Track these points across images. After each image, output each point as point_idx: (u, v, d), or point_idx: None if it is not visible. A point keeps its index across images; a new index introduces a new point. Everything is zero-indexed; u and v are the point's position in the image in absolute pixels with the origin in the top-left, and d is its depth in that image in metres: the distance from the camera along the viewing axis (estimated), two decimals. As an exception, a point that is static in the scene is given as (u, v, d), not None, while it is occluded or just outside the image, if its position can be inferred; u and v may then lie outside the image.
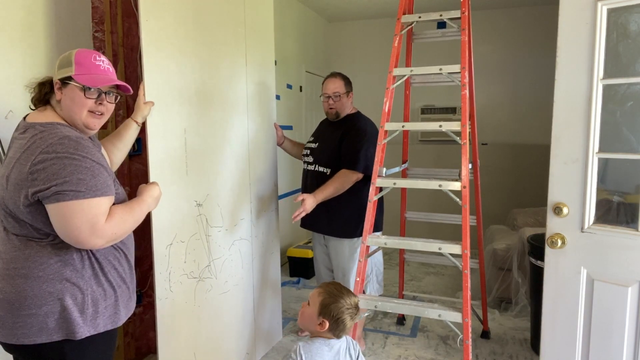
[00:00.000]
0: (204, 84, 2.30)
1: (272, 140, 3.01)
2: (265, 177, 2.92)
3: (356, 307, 1.69)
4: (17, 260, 1.33)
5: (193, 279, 2.24)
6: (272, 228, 3.02)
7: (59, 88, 1.42)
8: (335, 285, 1.73)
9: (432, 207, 4.02)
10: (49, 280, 1.32)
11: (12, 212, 1.33)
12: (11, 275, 1.32)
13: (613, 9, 1.65)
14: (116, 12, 2.50)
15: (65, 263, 1.34)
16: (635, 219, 1.66)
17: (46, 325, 1.32)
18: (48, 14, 1.99)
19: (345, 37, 6.10)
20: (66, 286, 1.34)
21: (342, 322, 1.64)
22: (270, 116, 3.00)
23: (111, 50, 2.48)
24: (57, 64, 1.45)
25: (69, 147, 1.30)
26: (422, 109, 5.67)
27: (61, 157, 1.28)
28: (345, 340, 1.73)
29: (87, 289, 1.37)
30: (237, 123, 2.61)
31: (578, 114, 1.72)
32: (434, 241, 2.31)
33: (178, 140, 2.13)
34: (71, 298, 1.34)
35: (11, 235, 1.36)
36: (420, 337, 3.24)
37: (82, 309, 1.36)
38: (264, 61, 2.91)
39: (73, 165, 1.29)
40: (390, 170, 2.53)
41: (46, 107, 1.45)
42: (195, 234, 2.25)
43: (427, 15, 2.62)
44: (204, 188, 2.32)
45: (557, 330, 1.83)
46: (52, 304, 1.32)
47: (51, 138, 1.31)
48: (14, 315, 1.32)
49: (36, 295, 1.31)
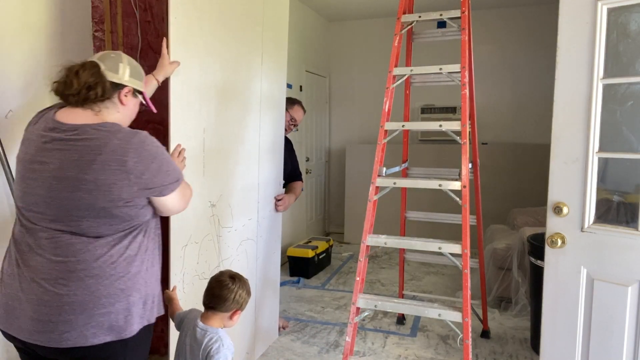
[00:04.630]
0: (224, 83, 2.29)
1: (279, 141, 3.01)
2: (272, 177, 2.92)
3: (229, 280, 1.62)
4: (87, 262, 1.33)
5: (204, 279, 2.22)
6: (275, 228, 3.03)
7: (126, 95, 1.46)
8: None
9: (432, 207, 4.02)
10: (119, 278, 1.36)
11: (101, 211, 1.31)
12: (80, 277, 1.32)
13: (613, 8, 1.65)
14: (116, 11, 2.50)
15: (130, 260, 1.39)
16: (635, 218, 1.65)
17: (117, 323, 1.35)
18: (48, 13, 1.99)
19: (345, 37, 6.09)
20: (133, 282, 1.39)
21: (210, 293, 1.62)
22: (280, 116, 2.99)
23: (111, 49, 2.48)
24: (127, 70, 1.45)
25: (153, 142, 1.39)
26: (422, 108, 5.67)
27: (154, 153, 1.37)
28: (210, 331, 1.63)
29: (147, 284, 1.44)
30: (250, 123, 2.60)
31: (578, 113, 1.72)
32: (434, 241, 2.31)
33: (197, 140, 2.11)
34: (137, 293, 1.40)
35: (79, 237, 1.34)
36: (420, 336, 3.24)
37: (144, 302, 1.42)
38: (278, 61, 2.90)
39: (165, 157, 1.41)
40: (390, 170, 2.53)
41: (85, 108, 1.40)
42: (208, 235, 2.24)
43: (427, 15, 2.62)
44: (218, 188, 2.30)
45: (557, 329, 1.83)
46: (123, 301, 1.36)
47: (134, 137, 1.35)
48: (87, 316, 1.31)
49: (110, 294, 1.34)
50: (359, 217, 5.56)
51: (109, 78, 1.41)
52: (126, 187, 1.31)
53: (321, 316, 3.58)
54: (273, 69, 2.82)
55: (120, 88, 1.44)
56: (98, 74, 1.40)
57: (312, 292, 4.11)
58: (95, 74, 1.39)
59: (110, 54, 1.47)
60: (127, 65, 1.47)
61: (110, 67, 1.43)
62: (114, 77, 1.43)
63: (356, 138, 6.18)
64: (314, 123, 5.82)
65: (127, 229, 1.39)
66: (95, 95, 1.38)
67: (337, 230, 6.27)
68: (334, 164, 6.34)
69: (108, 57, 1.45)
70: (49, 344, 1.32)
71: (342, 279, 4.50)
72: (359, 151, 5.73)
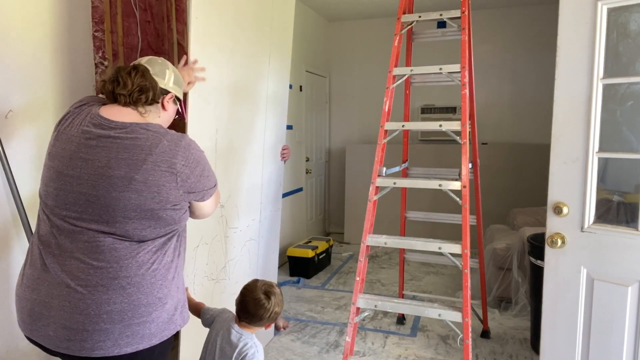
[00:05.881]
0: (235, 83, 2.29)
1: (281, 142, 3.01)
2: (273, 177, 2.93)
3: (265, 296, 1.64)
4: (130, 268, 1.28)
5: (212, 280, 2.23)
6: (275, 228, 3.03)
7: (168, 101, 1.49)
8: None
9: (432, 207, 4.02)
10: (158, 286, 1.33)
11: (148, 213, 1.29)
12: (122, 285, 1.27)
13: (613, 8, 1.65)
14: (116, 11, 2.50)
15: (168, 267, 1.37)
16: (635, 218, 1.66)
17: (149, 331, 1.32)
18: (48, 13, 1.99)
19: (345, 36, 6.09)
20: (169, 289, 1.37)
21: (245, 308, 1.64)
22: (283, 117, 3.00)
23: (111, 49, 2.48)
24: (172, 77, 1.49)
25: (197, 147, 1.41)
26: (422, 108, 5.67)
27: (198, 157, 1.39)
28: (245, 335, 1.68)
29: (179, 290, 1.43)
30: (257, 123, 2.61)
31: (578, 113, 1.72)
32: (434, 241, 2.31)
33: (210, 140, 2.12)
34: (171, 300, 1.38)
35: (122, 242, 1.29)
36: (420, 336, 3.24)
37: (175, 309, 1.40)
38: (283, 61, 2.90)
39: (207, 162, 1.44)
40: (390, 170, 2.53)
41: (133, 108, 1.41)
42: (217, 236, 2.24)
43: (427, 15, 2.62)
44: (227, 189, 2.31)
45: (557, 329, 1.83)
46: (160, 310, 1.33)
47: (182, 139, 1.37)
48: (124, 326, 1.27)
49: (149, 303, 1.31)
50: (359, 217, 5.58)
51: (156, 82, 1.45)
52: (174, 189, 1.32)
53: (321, 316, 3.58)
54: (279, 69, 2.82)
55: (164, 93, 1.47)
56: (151, 78, 1.43)
57: (312, 292, 4.11)
58: (149, 78, 1.42)
59: (157, 60, 1.49)
60: (172, 72, 1.51)
61: (157, 72, 1.46)
62: (161, 82, 1.46)
63: (356, 138, 6.18)
64: (314, 123, 5.82)
65: (167, 234, 1.38)
66: (146, 98, 1.41)
67: (337, 230, 6.27)
68: (334, 164, 6.34)
69: (155, 62, 1.48)
70: (80, 354, 1.26)
71: (342, 279, 4.50)
72: (359, 151, 5.73)
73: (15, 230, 1.86)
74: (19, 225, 1.86)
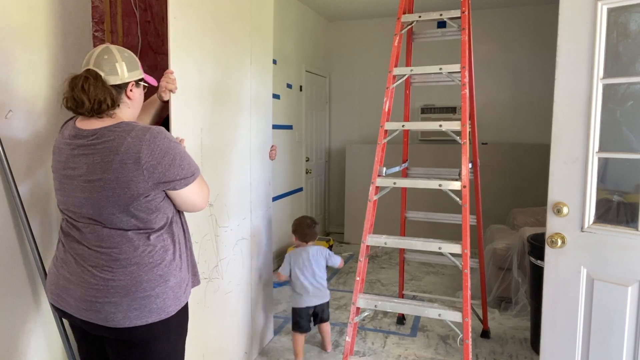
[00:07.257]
0: (217, 83, 2.31)
1: (268, 141, 3.02)
2: (262, 177, 2.95)
3: (311, 221, 3.00)
4: (128, 252, 1.44)
5: (204, 279, 2.23)
6: (267, 227, 3.05)
7: (131, 90, 1.51)
8: (300, 217, 3.08)
9: (432, 207, 4.02)
10: (157, 265, 1.47)
11: (125, 207, 1.41)
12: (124, 265, 1.44)
13: (613, 8, 1.65)
14: (116, 11, 2.50)
15: (166, 249, 1.50)
16: (635, 218, 1.66)
17: (156, 306, 1.46)
18: (48, 13, 1.99)
19: (345, 36, 6.10)
20: (169, 269, 1.50)
21: (302, 232, 2.94)
22: (268, 116, 3.00)
23: (111, 49, 2.48)
24: (124, 67, 1.48)
25: (166, 137, 1.43)
26: (422, 108, 5.67)
27: (166, 148, 1.41)
28: (316, 247, 2.95)
29: (181, 270, 1.55)
30: (242, 123, 2.62)
31: (578, 113, 1.72)
32: (434, 241, 2.31)
33: (195, 140, 2.13)
34: (174, 278, 1.51)
35: (116, 230, 1.45)
36: (420, 336, 3.24)
37: (179, 286, 1.53)
38: (265, 61, 2.91)
39: (179, 152, 1.45)
40: (390, 170, 2.53)
41: (101, 117, 1.46)
42: (206, 235, 2.25)
43: (427, 15, 2.62)
44: (215, 188, 2.32)
45: (557, 329, 1.83)
46: (162, 286, 1.48)
47: (146, 133, 1.40)
48: (131, 299, 1.43)
49: (150, 279, 1.45)
50: (359, 217, 5.58)
51: (111, 82, 1.45)
52: (142, 182, 1.38)
53: (321, 316, 3.57)
54: (261, 69, 2.84)
55: (124, 87, 1.49)
56: (103, 87, 1.44)
57: (312, 292, 4.11)
58: (101, 87, 1.43)
59: (103, 56, 1.46)
60: (122, 62, 1.48)
61: (109, 71, 1.45)
62: (116, 79, 1.46)
63: (356, 138, 6.18)
64: (314, 123, 5.82)
65: (156, 222, 1.47)
66: (107, 107, 1.45)
67: (337, 230, 6.27)
68: (334, 164, 6.34)
69: (102, 60, 1.46)
70: (96, 321, 1.45)
71: (342, 279, 4.50)
72: (359, 151, 5.73)
73: (15, 230, 1.86)
74: (19, 225, 1.86)
